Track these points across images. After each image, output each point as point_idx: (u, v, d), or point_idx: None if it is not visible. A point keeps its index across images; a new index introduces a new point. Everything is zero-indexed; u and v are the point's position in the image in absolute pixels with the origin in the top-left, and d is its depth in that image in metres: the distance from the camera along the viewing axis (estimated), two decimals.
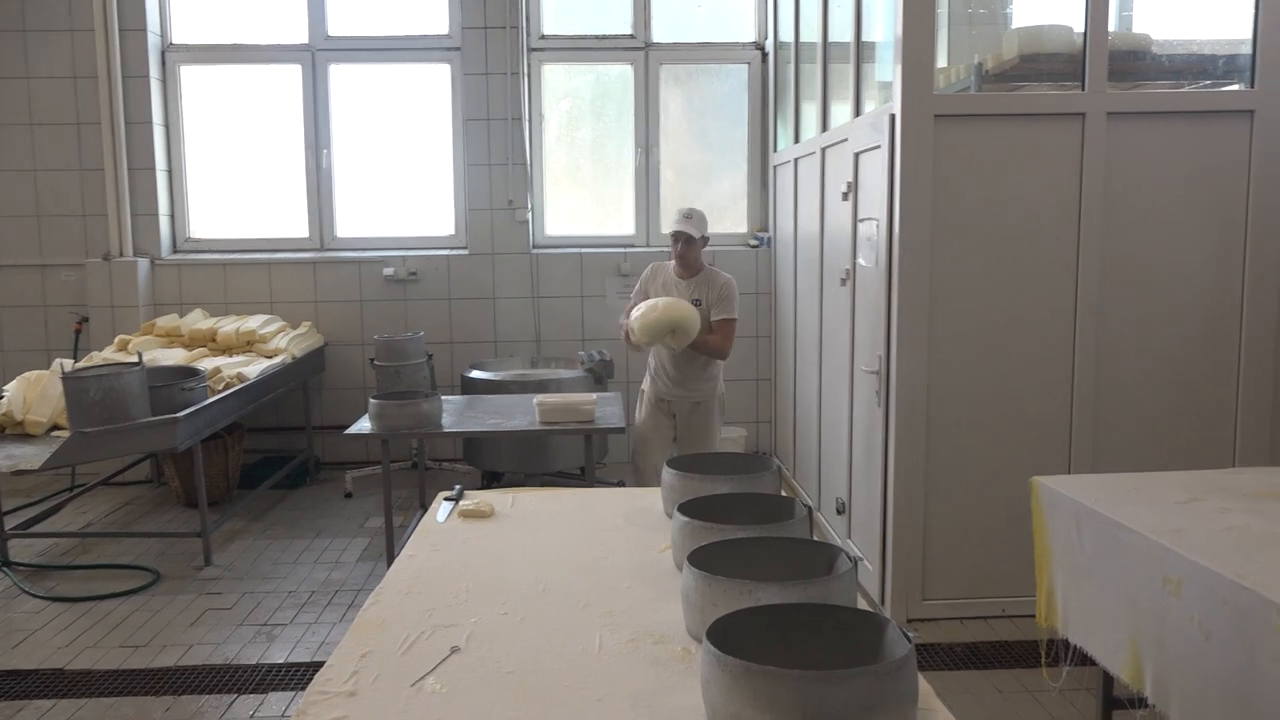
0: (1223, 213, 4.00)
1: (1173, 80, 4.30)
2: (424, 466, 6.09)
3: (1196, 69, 4.32)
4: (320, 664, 1.79)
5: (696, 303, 4.50)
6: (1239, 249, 4.01)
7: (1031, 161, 3.94)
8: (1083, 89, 3.92)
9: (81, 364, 5.09)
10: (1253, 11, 3.96)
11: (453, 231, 6.84)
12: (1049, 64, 4.09)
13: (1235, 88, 4.19)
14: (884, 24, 4.38)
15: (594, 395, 4.61)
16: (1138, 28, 4.64)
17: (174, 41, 6.70)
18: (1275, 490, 2.69)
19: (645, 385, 4.78)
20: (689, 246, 4.53)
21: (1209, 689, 2.13)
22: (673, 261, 4.65)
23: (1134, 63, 4.21)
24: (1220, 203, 4.00)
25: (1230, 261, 4.02)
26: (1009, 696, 3.42)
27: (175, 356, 5.56)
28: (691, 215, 4.55)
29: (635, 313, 4.39)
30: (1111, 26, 3.99)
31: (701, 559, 1.88)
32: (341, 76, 6.76)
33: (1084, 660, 2.73)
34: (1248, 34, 3.99)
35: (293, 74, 6.72)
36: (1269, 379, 4.04)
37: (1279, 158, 3.95)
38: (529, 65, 6.71)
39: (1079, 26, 3.94)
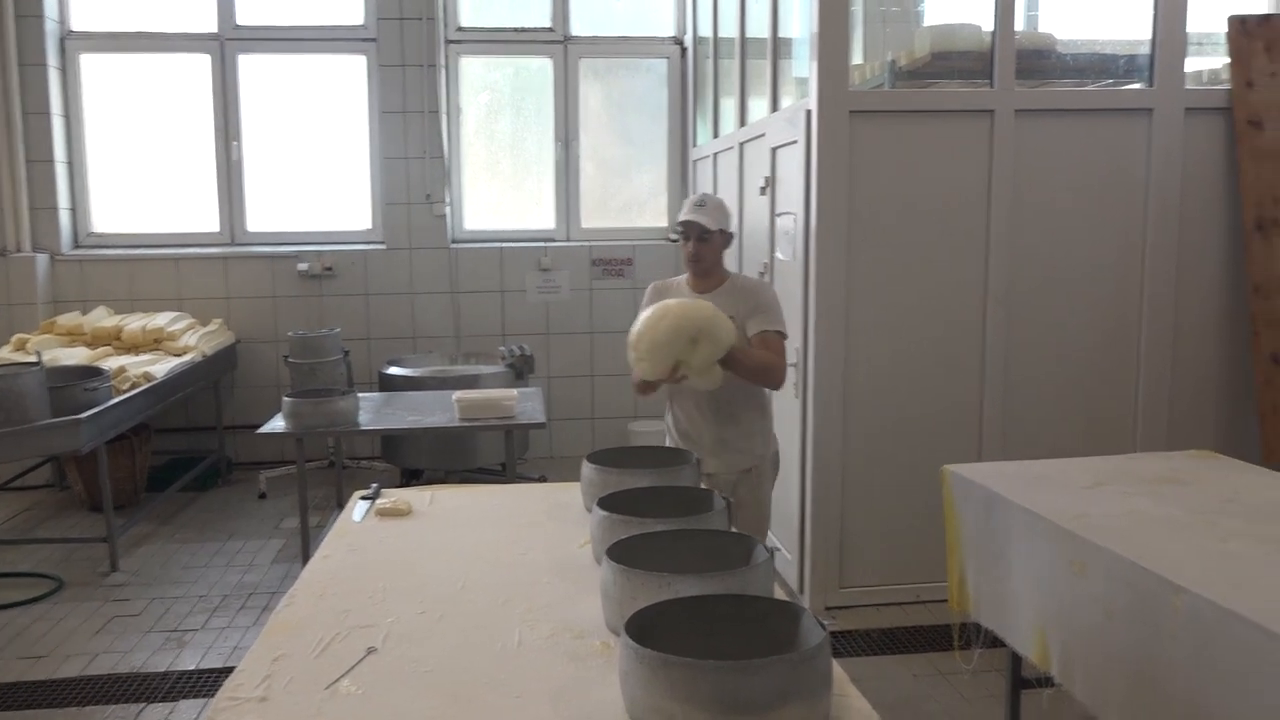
0: (1124, 207, 4.14)
1: (1077, 79, 4.44)
2: (341, 465, 5.98)
3: (1099, 68, 4.47)
4: (234, 670, 1.75)
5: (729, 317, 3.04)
6: (1139, 243, 4.16)
7: (943, 157, 4.02)
8: (991, 86, 4.02)
9: None
10: (1151, 13, 4.10)
11: (369, 226, 6.72)
12: (960, 62, 4.19)
13: (1135, 87, 4.34)
14: (800, 21, 4.44)
15: (515, 391, 4.57)
16: (1044, 28, 4.78)
17: (73, 29, 6.45)
18: (1173, 475, 2.80)
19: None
20: (704, 244, 3.16)
21: (1111, 667, 2.21)
22: (685, 274, 3.31)
23: (1040, 61, 4.34)
24: (1121, 198, 4.14)
25: (1131, 255, 4.16)
26: (923, 680, 3.50)
27: (78, 356, 5.36)
28: (705, 203, 3.21)
29: (635, 329, 3.05)
30: (1019, 26, 4.10)
31: (620, 553, 1.88)
32: (252, 67, 6.58)
33: (994, 642, 2.80)
34: (1147, 35, 4.14)
35: (201, 64, 6.52)
36: (1167, 367, 4.20)
37: (1176, 154, 4.11)
38: (446, 57, 6.62)
39: (988, 26, 4.05)
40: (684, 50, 6.78)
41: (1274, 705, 1.75)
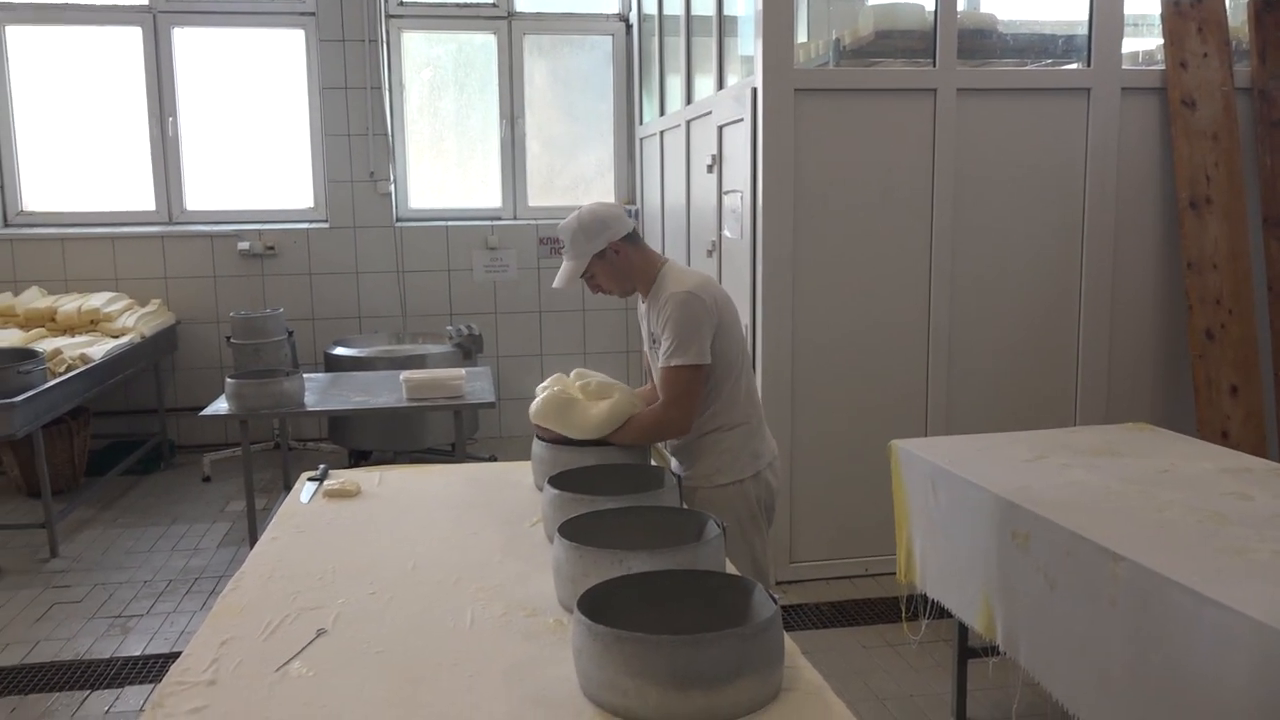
0: (1063, 185, 4.22)
1: (1017, 59, 4.50)
2: (287, 447, 5.90)
3: (1039, 48, 4.53)
4: (180, 654, 1.72)
5: (654, 341, 2.65)
6: (1078, 220, 4.24)
7: (888, 135, 4.06)
8: (934, 65, 4.05)
9: None
10: None
11: (312, 204, 6.61)
12: (903, 40, 4.22)
13: (1074, 66, 4.41)
14: None
15: (463, 370, 4.54)
16: (985, 7, 4.83)
17: None
18: (1111, 447, 2.87)
19: None
20: (594, 280, 2.68)
21: (1054, 635, 2.27)
22: None
23: (981, 41, 4.39)
24: (1061, 176, 4.21)
25: (1070, 232, 4.25)
26: (872, 651, 3.56)
27: (10, 338, 5.21)
28: (562, 240, 2.68)
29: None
30: (961, 6, 4.14)
31: (572, 530, 1.89)
32: (187, 41, 6.41)
33: (941, 614, 2.86)
34: (1084, 15, 4.20)
35: (132, 36, 6.34)
36: (1105, 342, 4.30)
37: (1113, 133, 4.19)
38: (387, 32, 6.52)
39: (931, 5, 4.08)
40: (629, 27, 6.74)
41: (1211, 668, 1.82)
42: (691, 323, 2.50)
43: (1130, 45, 4.46)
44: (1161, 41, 4.29)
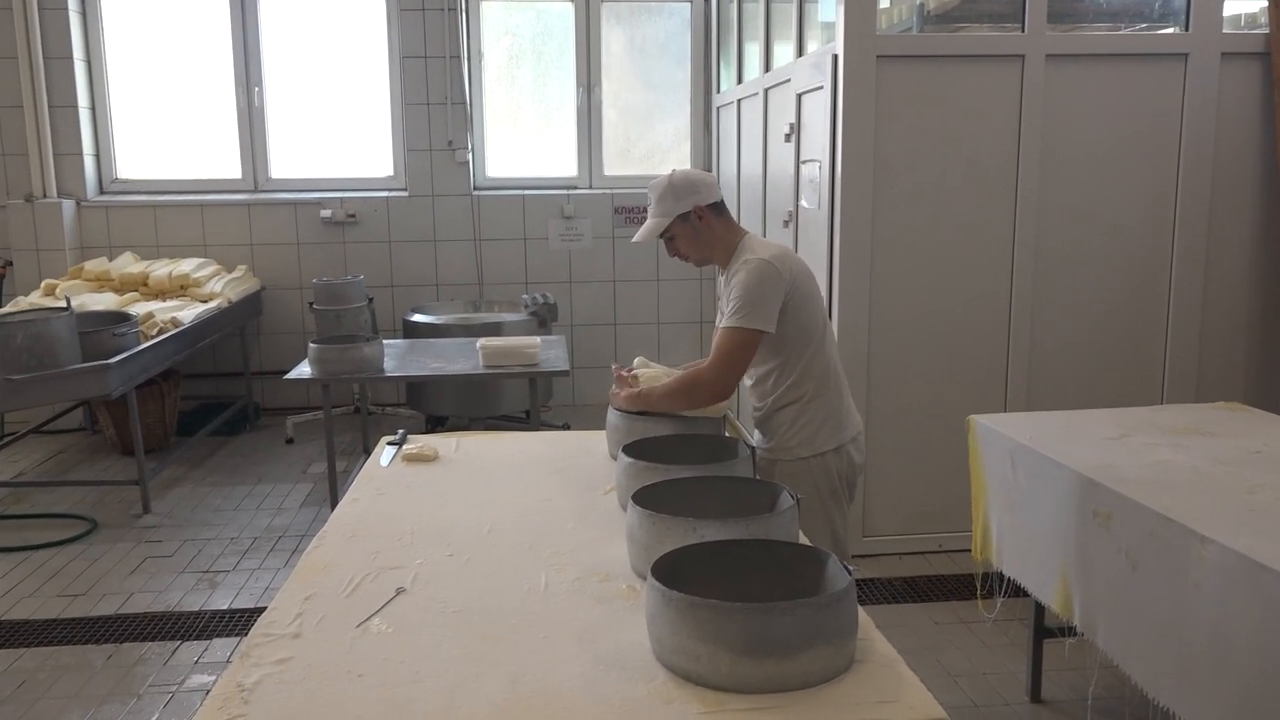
0: (1156, 155, 4.07)
1: (1110, 23, 4.34)
2: (366, 411, 6.03)
3: (1133, 11, 4.37)
4: (265, 610, 1.78)
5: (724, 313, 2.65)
6: (1171, 192, 4.09)
7: (972, 103, 3.96)
8: (1023, 30, 3.93)
9: (7, 309, 4.93)
10: None
11: (391, 173, 6.70)
12: (990, 4, 4.11)
13: (1170, 30, 4.24)
14: None
15: (538, 338, 4.58)
16: None
17: None
18: (1200, 426, 2.78)
19: None
20: (673, 242, 2.69)
21: (1135, 617, 2.22)
22: None
23: (1073, 4, 4.25)
24: (1154, 145, 4.06)
25: (1162, 204, 4.10)
26: (945, 628, 3.53)
27: (106, 301, 5.41)
28: (650, 200, 2.69)
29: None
30: None
31: (646, 498, 1.90)
32: (272, 10, 6.53)
33: (1017, 592, 2.82)
34: None
35: (220, 6, 6.48)
36: (1196, 317, 4.15)
37: (1211, 100, 4.02)
38: (466, 1, 6.55)
39: None
40: None
41: None
42: (759, 288, 2.48)
43: (1231, 7, 4.27)
44: (1265, 3, 4.10)
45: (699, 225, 2.62)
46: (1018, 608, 3.11)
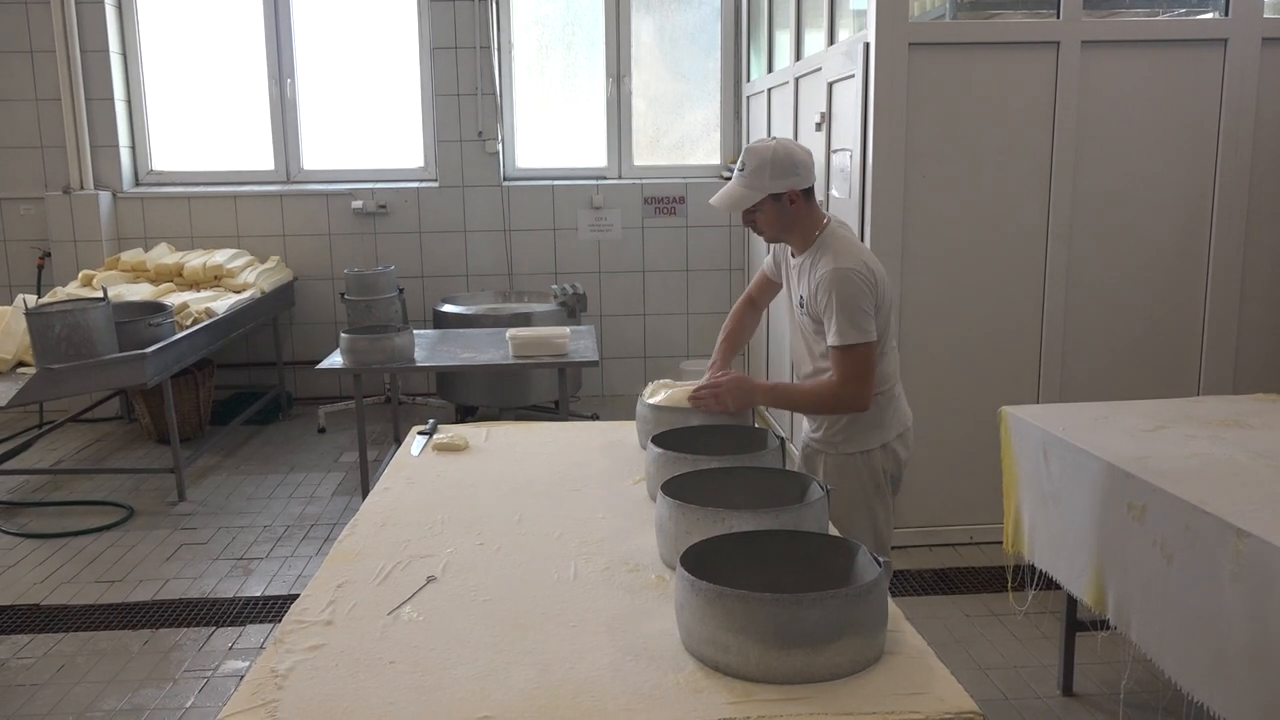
0: (1194, 143, 4.01)
1: (1147, 8, 4.27)
2: (397, 401, 6.07)
3: None
4: (298, 597, 1.80)
5: (801, 302, 2.63)
6: (1209, 181, 4.03)
7: (1005, 91, 3.91)
8: (1058, 17, 3.88)
9: (45, 299, 5.01)
10: None
11: (422, 164, 6.73)
12: None
13: (1209, 16, 4.17)
14: None
15: (567, 329, 4.59)
16: None
17: None
18: (1237, 418, 2.74)
19: None
20: (752, 214, 2.57)
21: (1169, 610, 2.19)
22: None
23: None
24: (1192, 133, 4.00)
25: (1200, 194, 4.04)
26: (976, 620, 3.51)
27: (141, 291, 5.48)
28: (745, 165, 2.54)
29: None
30: None
31: (675, 489, 1.90)
32: (305, 1, 6.57)
33: (1049, 584, 2.80)
34: None
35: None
36: (1234, 308, 4.09)
37: (1250, 87, 3.95)
38: None
39: None
40: None
41: None
42: (859, 299, 2.44)
43: None
44: None
45: (789, 209, 2.54)
46: (1049, 600, 3.09)
